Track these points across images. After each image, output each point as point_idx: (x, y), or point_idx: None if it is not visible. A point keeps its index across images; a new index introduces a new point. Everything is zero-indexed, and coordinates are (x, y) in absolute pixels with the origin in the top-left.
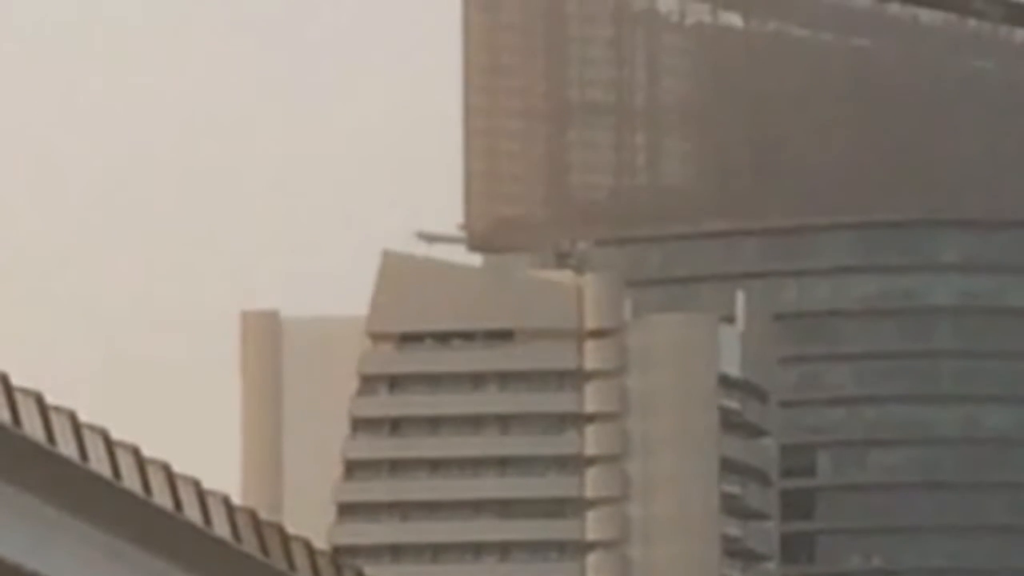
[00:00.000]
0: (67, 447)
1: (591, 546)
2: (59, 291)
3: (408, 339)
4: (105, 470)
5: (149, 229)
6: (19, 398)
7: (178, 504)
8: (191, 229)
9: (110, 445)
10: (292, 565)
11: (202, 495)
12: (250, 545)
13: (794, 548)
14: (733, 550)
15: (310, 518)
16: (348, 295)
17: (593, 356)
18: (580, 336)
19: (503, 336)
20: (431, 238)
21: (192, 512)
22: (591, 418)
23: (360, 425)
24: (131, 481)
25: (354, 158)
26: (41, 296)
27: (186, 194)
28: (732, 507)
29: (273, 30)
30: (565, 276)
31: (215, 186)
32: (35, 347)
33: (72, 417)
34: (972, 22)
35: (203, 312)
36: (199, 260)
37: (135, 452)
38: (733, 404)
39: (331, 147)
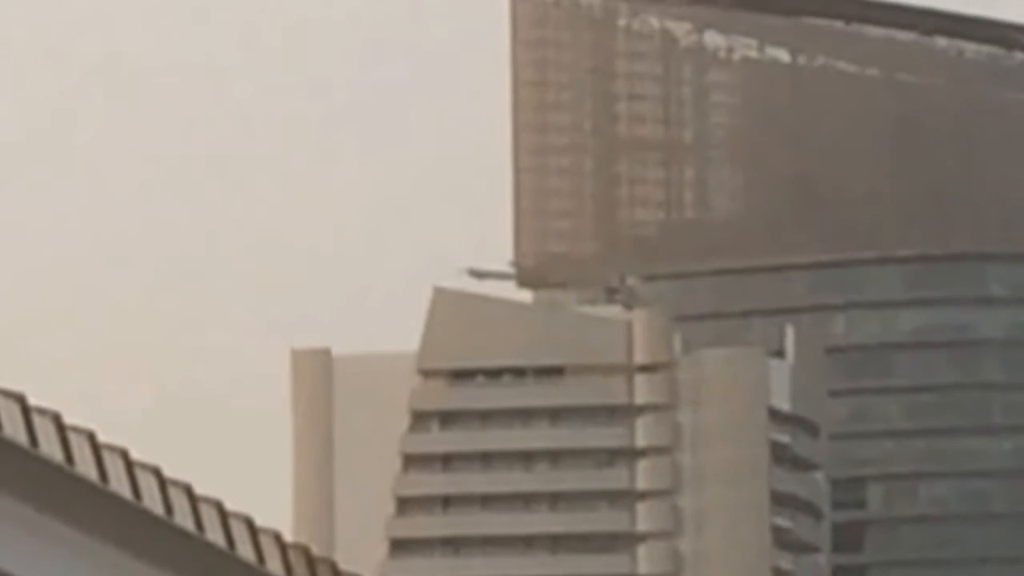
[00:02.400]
0: (120, 486)
1: None
2: (110, 330)
3: (459, 375)
4: (158, 508)
5: (200, 267)
6: (72, 437)
7: (231, 541)
8: (242, 267)
9: (163, 483)
10: None
11: (254, 532)
12: None
13: None
14: None
15: (363, 554)
16: (399, 332)
17: (643, 391)
18: (630, 371)
19: (554, 372)
20: (481, 275)
21: (244, 549)
22: (642, 453)
23: (412, 461)
24: (183, 519)
25: (404, 196)
26: (92, 335)
27: (237, 233)
28: (783, 540)
29: (321, 68)
30: (615, 311)
31: (266, 225)
32: (87, 386)
33: (125, 455)
34: (1018, 55)
35: (255, 350)
36: (250, 299)
37: (187, 490)
38: (783, 438)
39: (381, 185)
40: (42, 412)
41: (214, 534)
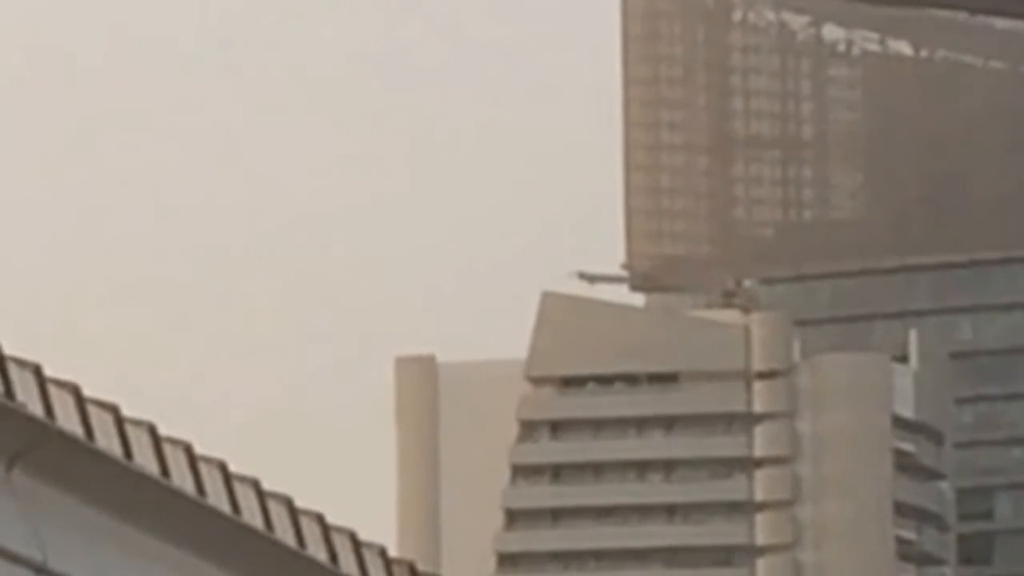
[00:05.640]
0: (218, 499)
1: None
2: (209, 339)
3: (569, 383)
4: (257, 522)
5: (302, 274)
6: (168, 448)
7: (334, 556)
8: (345, 273)
9: (262, 496)
10: None
11: (358, 547)
12: None
13: None
14: None
15: (469, 569)
16: (507, 338)
17: (762, 398)
18: (748, 378)
19: (668, 379)
20: (592, 278)
21: (348, 564)
22: (760, 462)
23: (520, 472)
24: (284, 533)
25: (512, 198)
26: (190, 344)
27: (340, 238)
28: (907, 553)
29: (427, 70)
30: (731, 316)
31: (370, 229)
32: (184, 396)
33: (223, 468)
34: None
35: (358, 358)
36: (354, 305)
37: (288, 503)
38: (907, 446)
39: (489, 188)
40: (137, 423)
41: (316, 549)
